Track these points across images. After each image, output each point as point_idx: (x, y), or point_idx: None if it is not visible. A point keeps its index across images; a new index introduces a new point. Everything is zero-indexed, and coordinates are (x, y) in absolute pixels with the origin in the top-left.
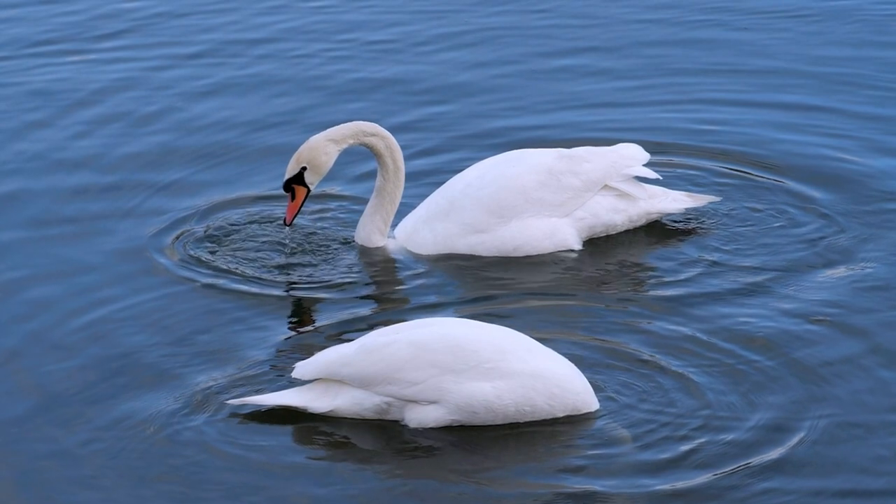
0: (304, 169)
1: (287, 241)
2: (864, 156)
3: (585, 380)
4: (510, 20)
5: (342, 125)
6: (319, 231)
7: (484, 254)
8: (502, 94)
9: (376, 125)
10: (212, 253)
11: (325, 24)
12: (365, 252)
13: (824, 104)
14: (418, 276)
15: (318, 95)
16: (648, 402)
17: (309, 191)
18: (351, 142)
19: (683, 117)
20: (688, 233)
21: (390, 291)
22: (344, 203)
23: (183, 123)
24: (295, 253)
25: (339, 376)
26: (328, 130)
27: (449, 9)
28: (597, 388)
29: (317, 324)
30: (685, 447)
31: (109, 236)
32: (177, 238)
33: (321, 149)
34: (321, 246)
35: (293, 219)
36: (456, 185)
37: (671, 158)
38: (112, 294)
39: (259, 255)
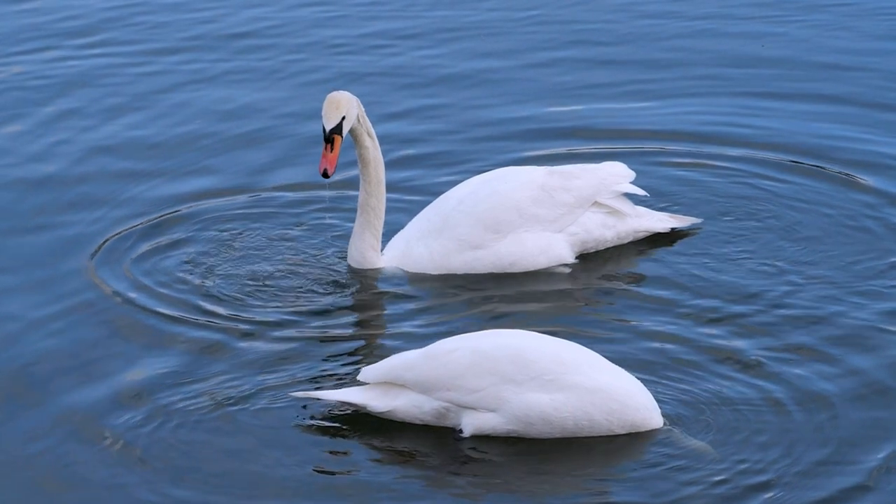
0: (343, 118)
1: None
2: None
3: (650, 397)
4: (504, 14)
5: None
6: (314, 252)
7: (480, 270)
8: (502, 87)
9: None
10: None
11: (313, 15)
12: (361, 273)
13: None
14: (418, 296)
15: (300, 87)
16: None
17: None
18: (359, 123)
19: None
20: (679, 244)
21: (394, 313)
22: (334, 220)
23: (164, 115)
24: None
25: (401, 381)
26: None
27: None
28: None
29: (329, 354)
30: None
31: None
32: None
33: (353, 102)
34: (317, 269)
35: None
36: (447, 202)
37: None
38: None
39: (265, 280)
